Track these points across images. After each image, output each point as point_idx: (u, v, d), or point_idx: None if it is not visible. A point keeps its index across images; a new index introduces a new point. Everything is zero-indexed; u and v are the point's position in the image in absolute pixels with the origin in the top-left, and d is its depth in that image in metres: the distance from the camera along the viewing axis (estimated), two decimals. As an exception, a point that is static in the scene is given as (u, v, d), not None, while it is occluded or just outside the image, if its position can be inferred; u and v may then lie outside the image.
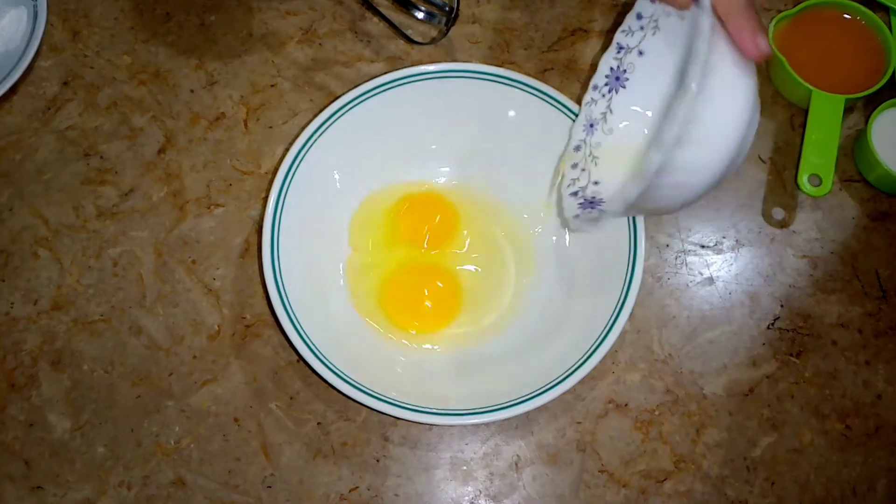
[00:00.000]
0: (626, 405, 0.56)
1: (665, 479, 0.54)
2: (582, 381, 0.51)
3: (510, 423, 0.55)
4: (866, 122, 0.60)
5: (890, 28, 0.63)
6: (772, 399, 0.56)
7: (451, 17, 0.60)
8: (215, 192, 0.60)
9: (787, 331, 0.58)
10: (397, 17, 0.66)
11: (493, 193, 0.60)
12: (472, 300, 0.58)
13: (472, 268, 0.59)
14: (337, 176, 0.58)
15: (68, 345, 0.56)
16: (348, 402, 0.53)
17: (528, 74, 0.58)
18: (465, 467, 0.54)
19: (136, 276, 0.58)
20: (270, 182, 0.57)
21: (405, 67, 0.57)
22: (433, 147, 0.60)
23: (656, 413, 0.56)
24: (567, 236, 0.58)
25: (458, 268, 0.59)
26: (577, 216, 0.53)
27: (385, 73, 0.57)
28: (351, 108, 0.57)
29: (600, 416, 0.55)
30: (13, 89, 0.62)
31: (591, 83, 0.55)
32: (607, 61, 0.55)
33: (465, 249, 0.59)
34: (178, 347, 0.57)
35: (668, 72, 0.52)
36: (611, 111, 0.55)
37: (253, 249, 0.59)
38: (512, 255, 0.59)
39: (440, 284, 0.58)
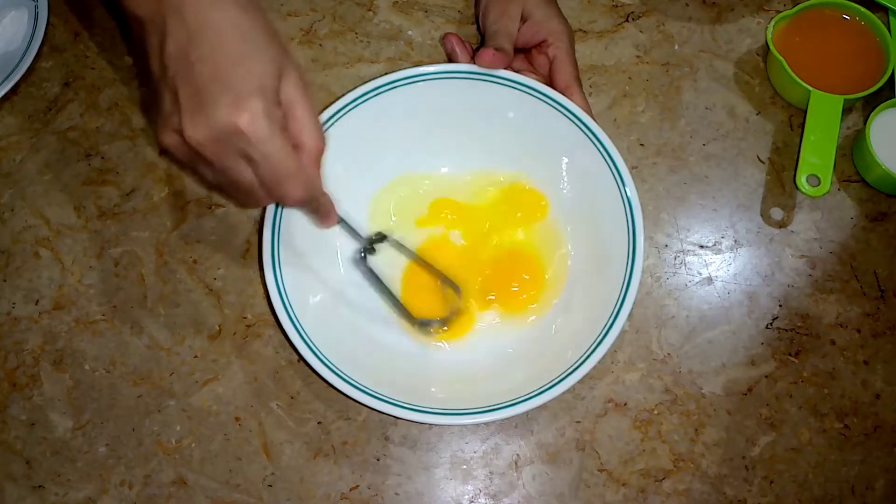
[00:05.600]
0: (625, 404, 0.56)
1: (664, 478, 0.54)
2: (581, 381, 0.51)
3: (510, 423, 0.55)
4: (865, 122, 0.60)
5: (889, 29, 0.63)
6: (770, 398, 0.56)
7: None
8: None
9: (786, 330, 0.58)
10: (398, 20, 0.66)
11: (493, 193, 0.60)
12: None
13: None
14: (337, 176, 0.58)
15: (70, 344, 0.57)
16: (348, 401, 0.53)
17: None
18: (464, 466, 0.55)
19: (138, 276, 0.58)
20: (271, 182, 0.57)
21: (405, 69, 0.57)
22: (433, 147, 0.60)
23: (655, 412, 0.56)
24: (566, 237, 0.59)
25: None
26: None
27: (385, 74, 0.57)
28: (351, 109, 0.57)
29: (599, 416, 0.56)
30: (14, 90, 0.62)
31: None
32: None
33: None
34: (179, 347, 0.57)
35: None
36: None
37: (254, 250, 0.59)
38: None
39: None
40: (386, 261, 0.57)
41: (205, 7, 0.39)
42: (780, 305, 0.59)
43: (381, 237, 0.56)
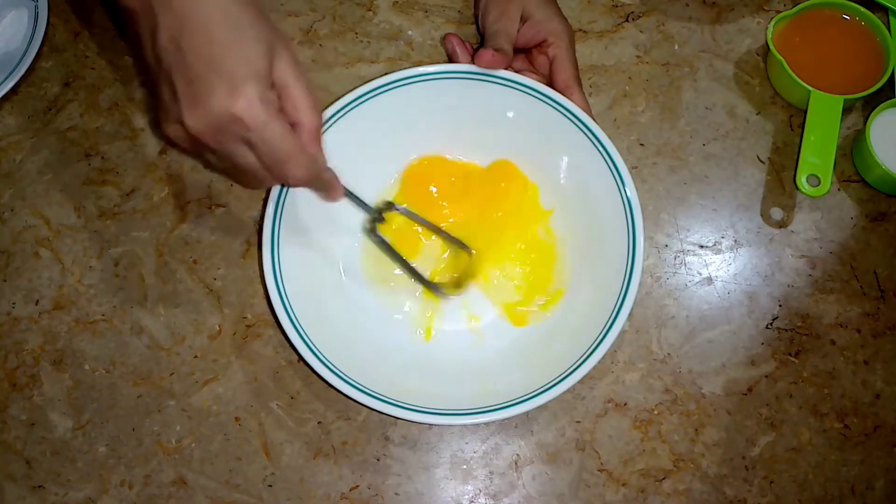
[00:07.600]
0: (625, 404, 0.56)
1: (664, 478, 0.54)
2: (581, 381, 0.51)
3: (510, 423, 0.55)
4: (865, 122, 0.60)
5: (888, 29, 0.63)
6: (770, 398, 0.56)
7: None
8: (216, 192, 0.61)
9: (786, 330, 0.58)
10: (398, 20, 0.66)
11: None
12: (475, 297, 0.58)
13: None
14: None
15: (70, 344, 0.57)
16: (348, 401, 0.53)
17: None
18: (465, 466, 0.55)
19: (138, 276, 0.58)
20: (271, 182, 0.58)
21: (405, 69, 0.57)
22: (433, 147, 0.60)
23: (655, 412, 0.56)
24: (566, 237, 0.59)
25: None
26: None
27: (385, 74, 0.57)
28: (351, 109, 0.57)
29: (599, 416, 0.56)
30: (14, 90, 0.62)
31: None
32: None
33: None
34: (179, 347, 0.57)
35: None
36: None
37: (254, 250, 0.59)
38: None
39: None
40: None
41: None
42: (780, 305, 0.59)
43: (389, 205, 0.57)
